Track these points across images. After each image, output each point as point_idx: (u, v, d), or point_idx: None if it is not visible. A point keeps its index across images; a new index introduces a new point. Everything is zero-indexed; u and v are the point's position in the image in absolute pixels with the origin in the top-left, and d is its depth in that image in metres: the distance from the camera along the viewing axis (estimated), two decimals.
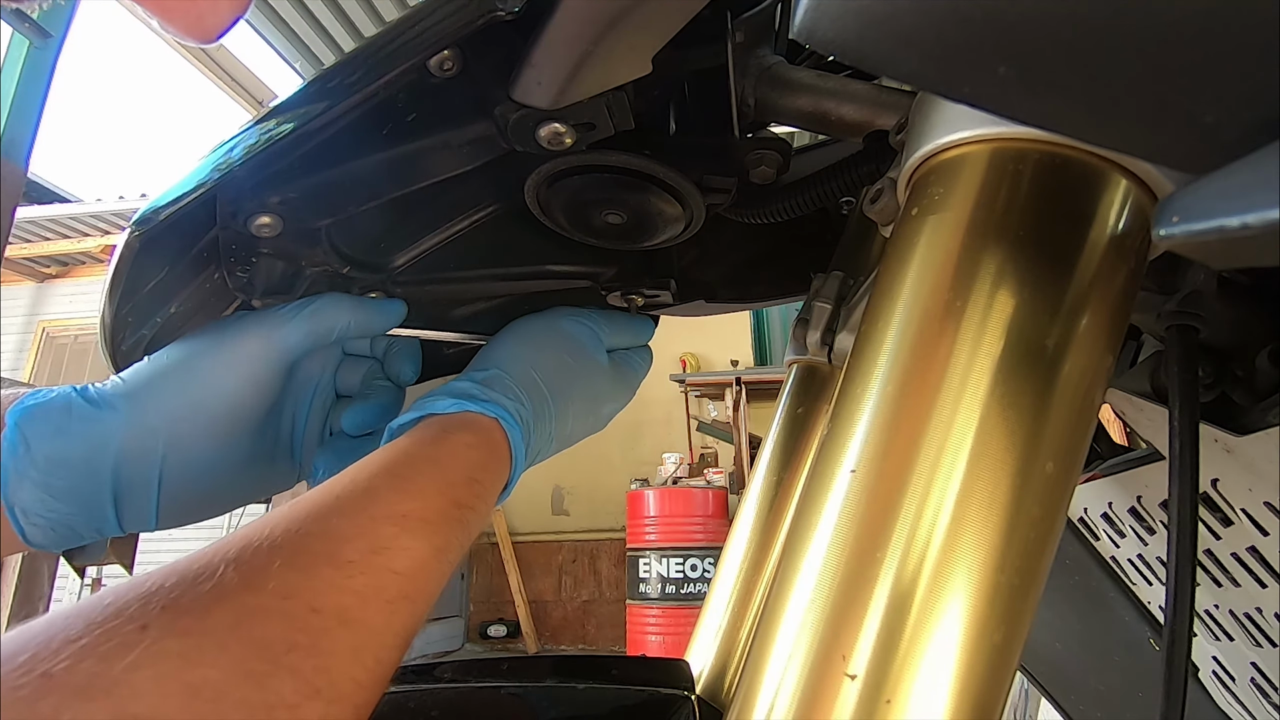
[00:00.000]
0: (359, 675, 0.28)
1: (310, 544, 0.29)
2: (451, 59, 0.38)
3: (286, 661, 0.26)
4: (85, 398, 0.41)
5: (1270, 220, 0.16)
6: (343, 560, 0.30)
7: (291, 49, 4.19)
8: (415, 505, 0.33)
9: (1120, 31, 0.19)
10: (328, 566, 0.29)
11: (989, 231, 0.30)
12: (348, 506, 0.32)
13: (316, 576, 0.28)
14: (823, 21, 0.22)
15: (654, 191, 0.47)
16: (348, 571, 0.29)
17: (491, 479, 0.39)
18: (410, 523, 0.33)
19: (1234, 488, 0.47)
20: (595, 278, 0.59)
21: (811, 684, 0.27)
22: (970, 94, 0.22)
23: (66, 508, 0.40)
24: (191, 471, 0.43)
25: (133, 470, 0.41)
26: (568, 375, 0.49)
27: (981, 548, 0.27)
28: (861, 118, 0.48)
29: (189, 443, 0.42)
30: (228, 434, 0.44)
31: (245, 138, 0.38)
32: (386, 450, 0.37)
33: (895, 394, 0.30)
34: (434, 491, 0.35)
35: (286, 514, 0.30)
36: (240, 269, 0.45)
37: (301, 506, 0.31)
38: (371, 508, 0.32)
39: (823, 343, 0.52)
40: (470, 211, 0.52)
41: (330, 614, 0.28)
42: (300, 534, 0.30)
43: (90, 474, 0.40)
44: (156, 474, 0.42)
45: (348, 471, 0.34)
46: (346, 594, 0.29)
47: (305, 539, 0.30)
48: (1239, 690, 0.60)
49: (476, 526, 0.37)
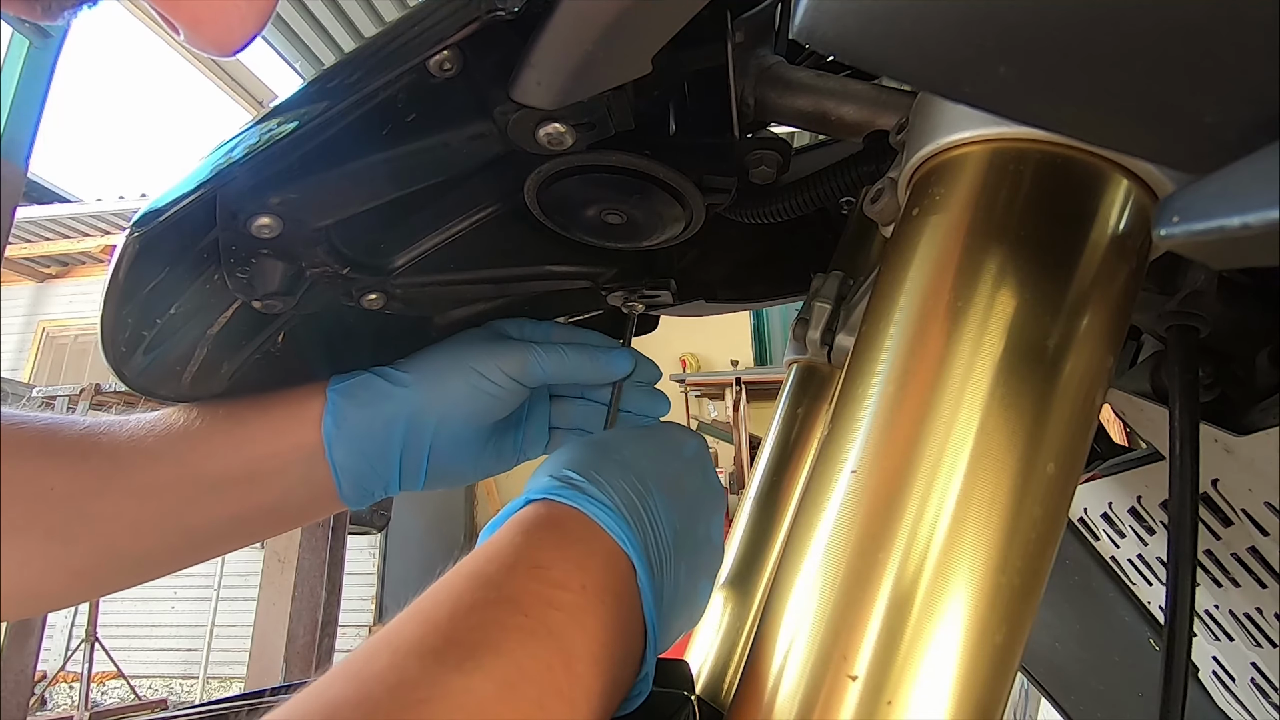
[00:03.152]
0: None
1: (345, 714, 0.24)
2: (451, 59, 0.37)
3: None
4: (384, 377, 0.51)
5: (1270, 220, 0.16)
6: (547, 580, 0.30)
7: (291, 49, 4.19)
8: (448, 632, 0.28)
9: (1120, 32, 0.19)
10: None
11: (989, 232, 0.30)
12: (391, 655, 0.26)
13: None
14: (823, 21, 0.22)
15: (654, 192, 0.47)
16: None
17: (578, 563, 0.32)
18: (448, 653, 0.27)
19: (1234, 488, 0.47)
20: (595, 278, 0.59)
21: (812, 684, 0.27)
22: (970, 94, 0.22)
23: (367, 465, 0.49)
24: (450, 446, 0.51)
25: (413, 438, 0.50)
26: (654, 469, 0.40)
27: (982, 548, 0.27)
28: (861, 118, 0.48)
29: (452, 422, 0.51)
30: (480, 420, 0.52)
31: (245, 138, 0.38)
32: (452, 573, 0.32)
33: (895, 394, 0.30)
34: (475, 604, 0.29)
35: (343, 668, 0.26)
36: (240, 270, 0.45)
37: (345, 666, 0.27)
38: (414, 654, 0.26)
39: (823, 343, 0.52)
40: (470, 212, 0.52)
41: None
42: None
43: (386, 439, 0.49)
44: (429, 443, 0.50)
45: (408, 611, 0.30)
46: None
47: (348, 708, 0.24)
48: (1239, 690, 0.60)
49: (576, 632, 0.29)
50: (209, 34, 0.30)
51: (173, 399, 0.50)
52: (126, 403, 2.60)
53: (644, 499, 0.36)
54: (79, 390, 2.62)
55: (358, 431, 0.49)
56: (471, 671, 0.25)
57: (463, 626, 0.27)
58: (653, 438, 0.43)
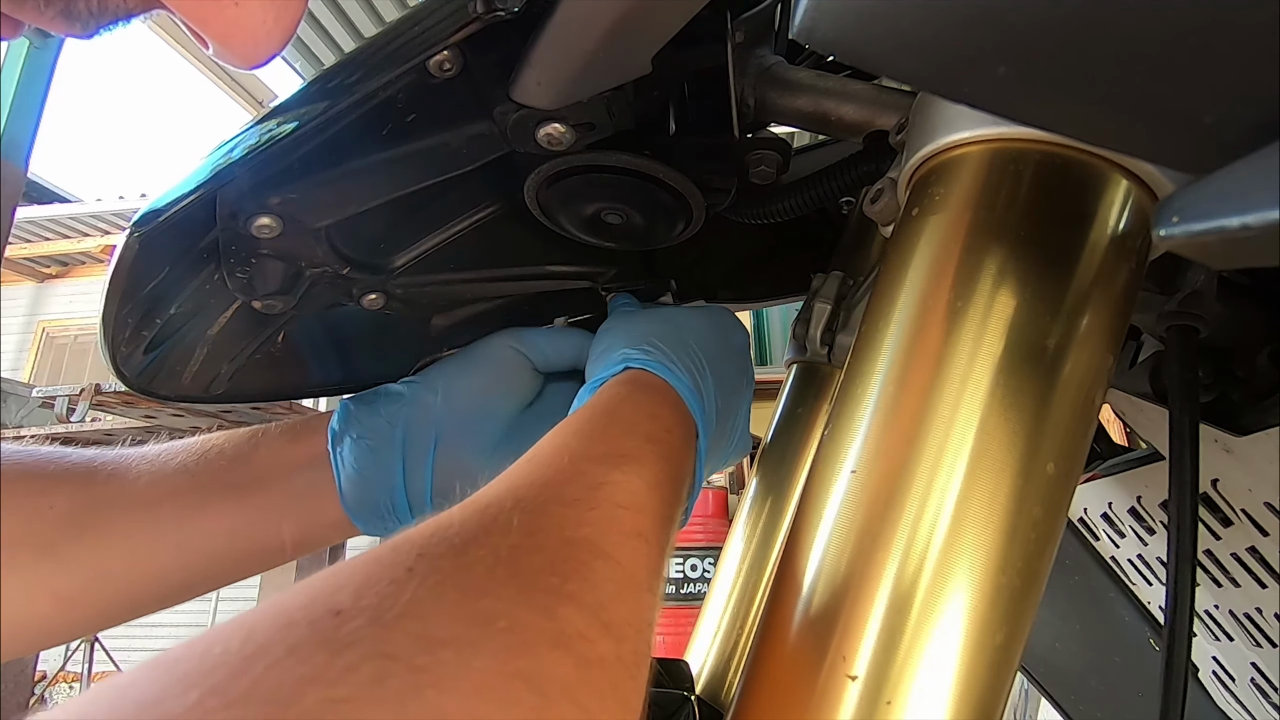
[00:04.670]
0: (629, 616, 0.26)
1: (531, 493, 0.29)
2: (451, 59, 0.37)
3: (566, 590, 0.24)
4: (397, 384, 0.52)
5: (1270, 220, 0.16)
6: (569, 498, 0.29)
7: (291, 49, 4.19)
8: (605, 447, 0.34)
9: (1120, 32, 0.19)
10: (557, 504, 0.28)
11: (989, 232, 0.30)
12: (552, 459, 0.32)
13: (552, 515, 0.28)
14: (823, 21, 0.22)
15: (654, 192, 0.47)
16: (578, 507, 0.29)
17: (671, 416, 0.40)
18: (611, 459, 0.33)
19: (1234, 488, 0.47)
20: (595, 278, 0.59)
21: (812, 684, 0.27)
22: (970, 94, 0.22)
23: (370, 467, 0.49)
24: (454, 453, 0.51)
25: (415, 444, 0.50)
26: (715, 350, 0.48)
27: (982, 548, 0.27)
28: (861, 118, 0.48)
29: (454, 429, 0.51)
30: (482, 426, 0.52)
31: (246, 138, 0.38)
32: (566, 419, 0.38)
33: (895, 394, 0.30)
34: (617, 433, 0.36)
35: (494, 483, 0.30)
36: (240, 270, 0.45)
37: (506, 475, 0.31)
38: (570, 456, 0.32)
39: (823, 343, 0.52)
40: (470, 212, 0.52)
41: (583, 545, 0.27)
42: (518, 487, 0.29)
43: (388, 440, 0.50)
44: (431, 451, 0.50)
45: (539, 442, 0.35)
46: (586, 526, 0.28)
47: (525, 489, 0.29)
48: (1239, 690, 0.60)
49: (678, 462, 0.37)
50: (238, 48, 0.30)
51: (173, 399, 0.50)
52: (126, 403, 2.59)
53: (703, 377, 0.44)
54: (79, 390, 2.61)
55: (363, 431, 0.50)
56: (630, 473, 0.33)
57: (615, 446, 0.34)
58: (710, 322, 0.49)
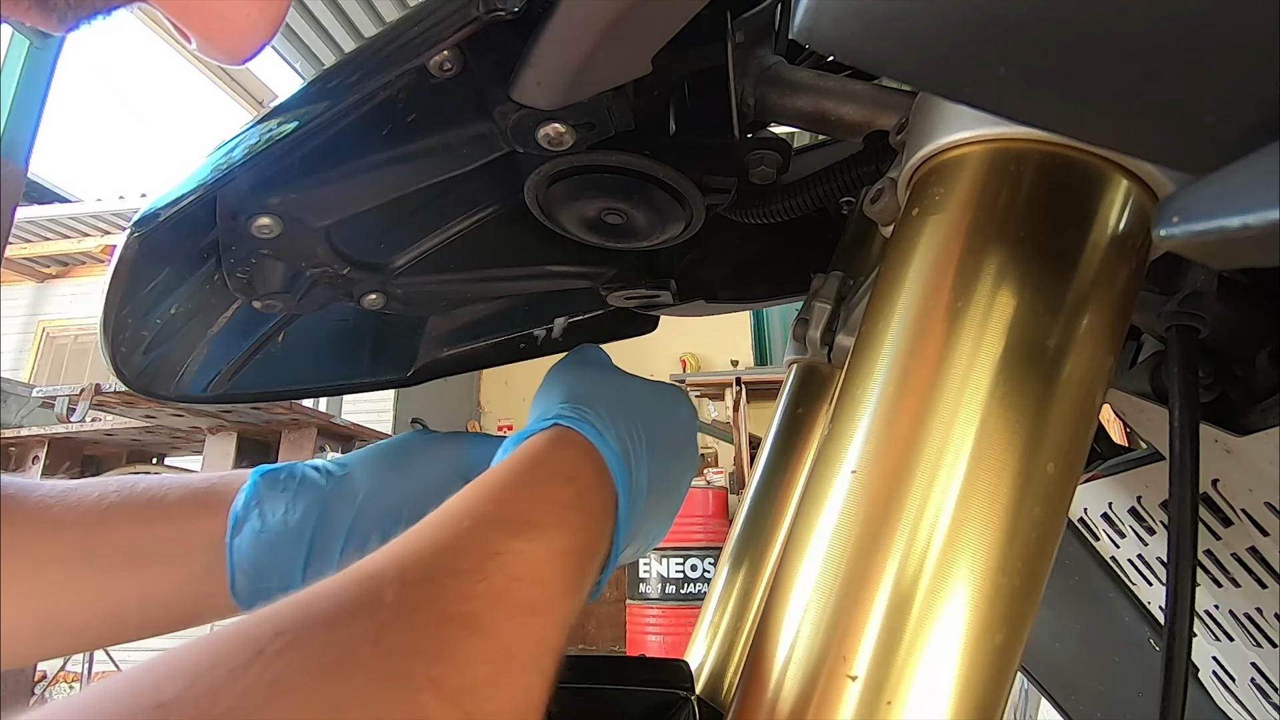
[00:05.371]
0: (503, 701, 0.25)
1: (418, 562, 0.28)
2: (451, 59, 0.38)
3: (430, 675, 0.24)
4: (315, 468, 0.47)
5: (1270, 220, 0.16)
6: (458, 569, 0.28)
7: (291, 49, 4.19)
8: (513, 510, 0.33)
9: (1120, 32, 0.19)
10: (445, 575, 0.28)
11: (989, 232, 0.30)
12: (451, 522, 0.31)
13: (436, 586, 0.27)
14: (823, 21, 0.22)
15: (654, 192, 0.47)
16: (466, 579, 0.28)
17: (590, 480, 0.38)
18: (515, 525, 0.32)
19: (1234, 488, 0.47)
20: (595, 278, 0.59)
21: (812, 685, 0.27)
22: (971, 94, 0.22)
23: (267, 562, 0.44)
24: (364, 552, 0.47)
25: (323, 541, 0.46)
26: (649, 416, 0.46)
27: (982, 549, 0.27)
28: (861, 118, 0.48)
29: (369, 528, 0.47)
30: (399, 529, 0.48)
31: (246, 138, 0.38)
32: (480, 476, 0.36)
33: (895, 394, 0.30)
34: (527, 495, 0.34)
35: (385, 549, 0.29)
36: (240, 270, 0.45)
37: (401, 539, 0.30)
38: (473, 520, 0.31)
39: (823, 343, 0.52)
40: (470, 212, 0.52)
41: (461, 622, 0.26)
42: (404, 556, 0.28)
43: (295, 535, 0.45)
44: (339, 551, 0.46)
45: (448, 501, 0.34)
46: (471, 600, 0.27)
47: (412, 558, 0.28)
48: (1239, 690, 0.60)
49: (591, 530, 0.36)
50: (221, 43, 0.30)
51: (173, 399, 0.50)
52: (126, 403, 2.59)
53: (636, 446, 0.42)
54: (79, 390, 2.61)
55: (267, 522, 0.45)
56: (533, 541, 0.31)
57: (522, 510, 0.33)
58: (660, 396, 0.48)
